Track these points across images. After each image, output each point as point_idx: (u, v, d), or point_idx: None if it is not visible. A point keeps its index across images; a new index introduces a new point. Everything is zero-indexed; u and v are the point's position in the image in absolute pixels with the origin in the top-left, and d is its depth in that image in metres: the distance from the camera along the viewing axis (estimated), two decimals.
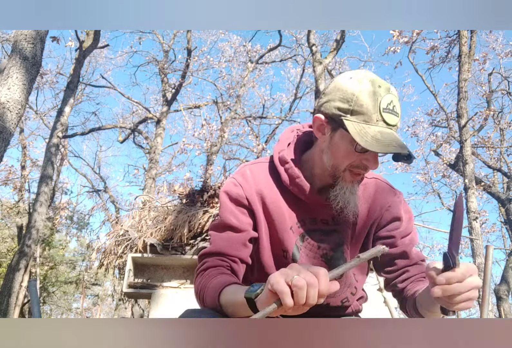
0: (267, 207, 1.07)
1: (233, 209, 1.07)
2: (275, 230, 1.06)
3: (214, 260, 1.03)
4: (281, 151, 1.09)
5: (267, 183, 1.09)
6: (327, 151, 1.01)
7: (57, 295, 17.48)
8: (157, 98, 15.48)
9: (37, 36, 4.54)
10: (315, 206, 1.06)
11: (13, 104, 4.20)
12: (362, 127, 0.93)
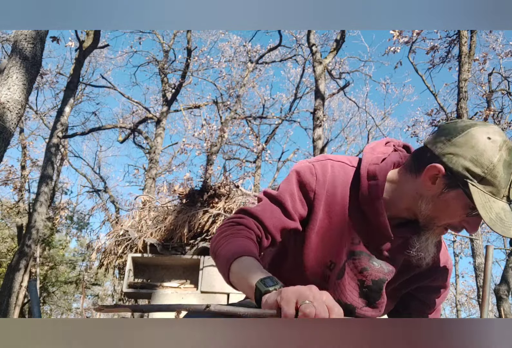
0: (331, 210, 1.00)
1: (295, 194, 1.00)
2: (330, 236, 1.00)
3: (251, 222, 0.98)
4: (373, 164, 0.99)
5: (343, 187, 1.00)
6: (430, 202, 0.92)
7: (57, 295, 17.48)
8: (157, 98, 15.49)
9: (37, 36, 4.54)
10: (378, 233, 0.99)
11: (13, 104, 4.20)
12: (487, 199, 0.86)
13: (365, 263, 1.00)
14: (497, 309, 10.06)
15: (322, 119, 8.98)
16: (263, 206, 1.00)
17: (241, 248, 0.89)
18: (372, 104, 22.67)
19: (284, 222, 0.99)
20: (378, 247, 1.00)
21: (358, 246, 1.00)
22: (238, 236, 0.93)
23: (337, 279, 1.00)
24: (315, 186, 1.00)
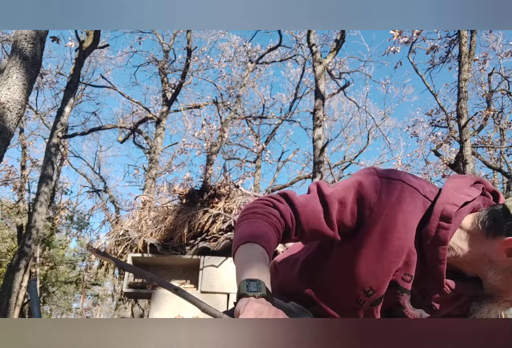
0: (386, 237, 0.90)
1: (348, 204, 0.92)
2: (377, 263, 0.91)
3: (288, 211, 0.93)
4: (452, 205, 0.89)
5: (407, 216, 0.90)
6: (500, 273, 0.86)
7: (57, 295, 17.48)
8: (157, 98, 15.50)
9: (37, 36, 4.54)
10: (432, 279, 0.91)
11: (13, 104, 4.20)
12: None
13: (403, 302, 0.94)
14: None
15: (322, 119, 8.98)
16: (308, 201, 0.94)
17: (260, 234, 0.86)
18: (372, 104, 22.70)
19: (320, 226, 0.93)
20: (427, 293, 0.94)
21: (406, 283, 0.93)
22: (266, 220, 0.89)
23: (372, 306, 0.96)
24: (375, 204, 0.91)
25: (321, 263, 1.01)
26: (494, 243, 0.85)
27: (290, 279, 1.06)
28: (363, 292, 0.94)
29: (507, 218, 0.84)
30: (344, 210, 0.92)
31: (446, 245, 0.88)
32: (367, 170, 0.97)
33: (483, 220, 0.87)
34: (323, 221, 0.93)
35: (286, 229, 0.93)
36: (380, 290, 0.93)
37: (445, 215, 0.88)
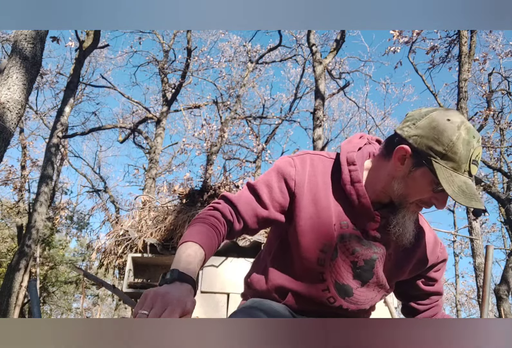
0: (315, 198, 1.06)
1: (273, 184, 1.08)
2: (318, 222, 1.06)
3: (226, 207, 1.06)
4: (351, 152, 1.09)
5: (323, 176, 1.09)
6: (401, 182, 1.00)
7: (57, 295, 17.48)
8: (157, 98, 15.50)
9: (37, 36, 4.54)
10: (363, 215, 1.06)
11: (13, 104, 4.20)
12: (449, 174, 0.94)
13: (355, 245, 1.06)
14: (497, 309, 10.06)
15: (322, 119, 8.98)
16: (240, 194, 1.10)
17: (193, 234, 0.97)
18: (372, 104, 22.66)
19: (256, 210, 1.07)
20: (364, 228, 1.07)
21: (347, 229, 1.06)
22: (203, 222, 1.01)
23: (331, 261, 1.06)
24: (295, 175, 1.07)
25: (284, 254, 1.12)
26: (391, 160, 1.01)
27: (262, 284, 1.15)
28: (320, 251, 1.06)
29: (395, 136, 1.02)
30: (272, 190, 1.07)
31: (361, 182, 1.05)
32: (280, 158, 1.16)
33: (381, 151, 1.06)
34: (256, 204, 1.07)
35: (228, 223, 1.05)
36: (332, 243, 1.05)
37: (349, 161, 1.07)
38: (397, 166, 1.00)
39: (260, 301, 1.11)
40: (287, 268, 1.11)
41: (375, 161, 1.08)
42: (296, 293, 1.09)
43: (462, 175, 0.94)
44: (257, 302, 1.10)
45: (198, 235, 0.97)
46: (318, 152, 1.15)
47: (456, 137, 0.94)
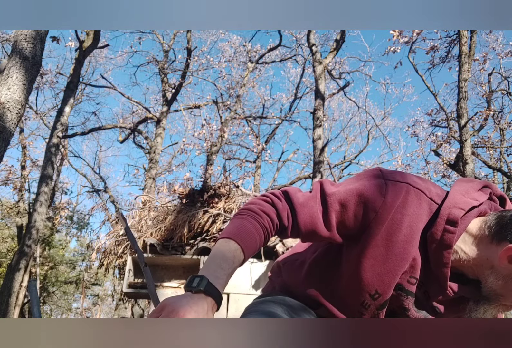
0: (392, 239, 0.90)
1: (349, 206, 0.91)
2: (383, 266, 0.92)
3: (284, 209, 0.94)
4: (459, 209, 0.89)
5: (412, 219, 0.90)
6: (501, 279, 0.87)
7: (57, 295, 17.48)
8: (157, 98, 15.49)
9: (37, 36, 4.53)
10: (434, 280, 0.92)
11: (13, 104, 4.20)
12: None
13: (408, 305, 0.95)
14: None
15: (322, 119, 8.98)
16: (308, 200, 0.94)
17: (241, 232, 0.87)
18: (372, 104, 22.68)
19: (317, 226, 0.93)
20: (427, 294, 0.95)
21: (411, 286, 0.93)
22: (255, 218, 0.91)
23: (377, 310, 0.95)
24: (380, 207, 0.90)
25: (329, 266, 1.01)
26: (497, 249, 0.86)
27: (296, 280, 1.06)
28: (369, 295, 0.94)
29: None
30: (345, 212, 0.92)
31: (451, 249, 0.88)
32: (372, 172, 0.96)
33: (490, 225, 0.87)
34: (321, 222, 0.92)
35: (281, 228, 0.94)
36: (386, 294, 0.93)
37: (451, 219, 0.88)
38: (503, 263, 0.86)
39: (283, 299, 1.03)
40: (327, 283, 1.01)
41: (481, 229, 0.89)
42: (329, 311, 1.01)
43: None
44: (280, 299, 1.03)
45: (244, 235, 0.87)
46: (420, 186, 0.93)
47: None
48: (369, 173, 0.96)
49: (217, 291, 0.79)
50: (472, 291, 0.92)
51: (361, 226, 0.92)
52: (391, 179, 0.93)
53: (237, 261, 0.85)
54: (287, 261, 1.11)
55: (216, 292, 0.78)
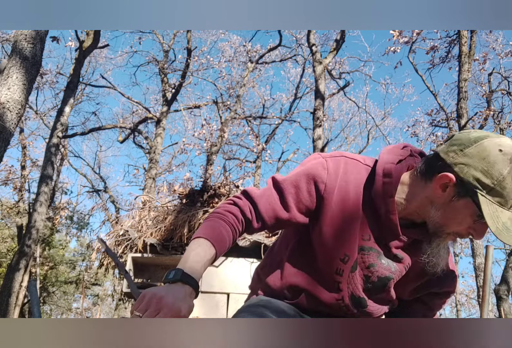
0: (344, 204, 1.02)
1: (302, 186, 1.03)
2: (342, 230, 1.02)
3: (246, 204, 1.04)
4: (390, 163, 1.02)
5: (356, 183, 1.03)
6: (440, 209, 0.95)
7: (57, 295, 17.48)
8: (157, 98, 15.50)
9: (37, 36, 4.53)
10: (388, 231, 1.01)
11: (13, 104, 4.20)
12: (495, 209, 0.89)
13: (373, 260, 1.03)
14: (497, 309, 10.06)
15: (322, 119, 8.98)
16: (263, 191, 1.05)
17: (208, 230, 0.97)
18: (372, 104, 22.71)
19: (277, 211, 1.03)
20: (387, 244, 1.03)
21: (368, 242, 1.02)
22: (221, 218, 1.01)
23: (351, 272, 1.03)
24: (326, 179, 1.02)
25: (303, 252, 1.09)
26: (431, 184, 0.95)
27: (276, 277, 1.12)
28: (340, 260, 1.03)
29: (438, 159, 0.95)
30: (299, 191, 1.03)
31: (393, 197, 0.99)
32: (312, 156, 1.09)
33: (419, 169, 1.00)
34: (279, 206, 1.03)
35: (247, 221, 1.03)
36: (353, 254, 1.02)
37: (386, 172, 1.00)
38: (438, 192, 0.94)
39: (268, 300, 1.09)
40: (304, 268, 1.08)
41: (413, 177, 1.01)
42: (310, 294, 1.07)
43: (508, 211, 0.89)
44: (265, 300, 1.08)
45: (211, 232, 0.96)
46: (355, 156, 1.08)
47: (507, 171, 0.88)
48: (310, 157, 1.10)
49: (193, 280, 0.86)
50: (423, 233, 1.00)
51: (316, 200, 1.03)
52: (329, 156, 1.07)
53: (209, 254, 0.93)
54: (265, 265, 1.18)
55: (192, 280, 0.86)
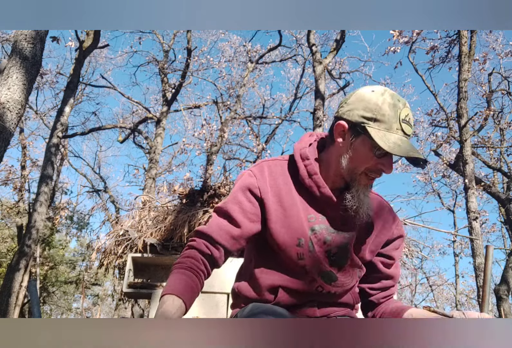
0: (281, 198, 1.13)
1: (241, 199, 1.14)
2: (289, 221, 1.12)
3: (200, 243, 1.11)
4: (303, 148, 1.16)
5: (283, 177, 1.16)
6: (346, 155, 1.08)
7: (57, 295, 17.48)
8: (157, 98, 15.49)
9: (37, 36, 4.53)
10: (327, 204, 1.13)
11: (13, 104, 4.20)
12: (383, 134, 1.03)
13: (326, 235, 1.12)
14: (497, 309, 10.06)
15: (322, 119, 8.98)
16: (211, 221, 1.15)
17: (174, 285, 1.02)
18: None
19: (230, 232, 1.12)
20: (330, 217, 1.13)
21: (315, 222, 1.13)
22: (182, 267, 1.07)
23: (310, 253, 1.11)
24: (257, 182, 1.14)
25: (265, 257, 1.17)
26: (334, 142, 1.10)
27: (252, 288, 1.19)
28: (297, 246, 1.12)
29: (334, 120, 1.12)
30: (242, 205, 1.13)
31: (318, 173, 1.12)
32: (240, 174, 1.22)
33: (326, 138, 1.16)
34: (230, 226, 1.12)
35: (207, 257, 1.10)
36: (305, 236, 1.12)
37: (303, 156, 1.15)
38: (339, 142, 1.09)
39: (261, 305, 1.13)
40: (272, 268, 1.15)
41: (326, 151, 1.15)
42: (286, 288, 1.13)
43: (395, 134, 1.03)
44: (259, 306, 1.12)
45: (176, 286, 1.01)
46: (273, 158, 1.22)
47: (381, 101, 1.04)
48: (238, 176, 1.22)
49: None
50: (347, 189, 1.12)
51: (259, 204, 1.14)
52: (253, 166, 1.21)
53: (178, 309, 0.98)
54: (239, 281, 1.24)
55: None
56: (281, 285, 1.13)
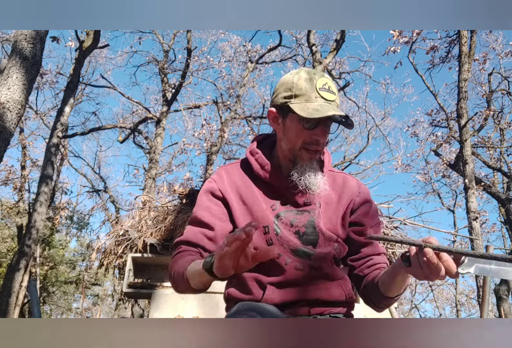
0: (242, 195, 1.22)
1: (208, 204, 1.21)
2: (253, 213, 1.19)
3: (185, 249, 1.18)
4: (251, 146, 1.28)
5: (240, 176, 1.25)
6: (283, 137, 1.18)
7: (57, 295, 17.49)
8: (157, 98, 15.49)
9: (37, 36, 4.53)
10: (284, 190, 1.20)
11: (13, 104, 4.20)
12: (304, 105, 1.11)
13: (291, 217, 1.19)
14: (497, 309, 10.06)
15: None
16: (186, 231, 1.22)
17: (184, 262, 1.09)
18: (372, 104, 22.69)
19: (206, 234, 1.18)
20: (291, 200, 1.20)
21: (278, 209, 1.20)
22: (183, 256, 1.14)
23: (276, 236, 1.17)
24: (217, 185, 1.23)
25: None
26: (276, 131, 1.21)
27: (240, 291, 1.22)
28: (264, 234, 1.18)
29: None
30: (210, 209, 1.21)
31: (268, 164, 1.21)
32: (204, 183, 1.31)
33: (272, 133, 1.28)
34: (204, 230, 1.18)
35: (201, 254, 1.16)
36: (270, 223, 1.18)
37: (253, 152, 1.25)
38: (276, 128, 1.20)
39: (249, 303, 1.15)
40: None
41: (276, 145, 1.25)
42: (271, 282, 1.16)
43: (316, 102, 1.11)
44: (247, 304, 1.13)
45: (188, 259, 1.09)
46: (230, 163, 1.33)
47: (296, 78, 1.14)
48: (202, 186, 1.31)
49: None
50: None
51: (223, 204, 1.21)
52: (213, 174, 1.30)
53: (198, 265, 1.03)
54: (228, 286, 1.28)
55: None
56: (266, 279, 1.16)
